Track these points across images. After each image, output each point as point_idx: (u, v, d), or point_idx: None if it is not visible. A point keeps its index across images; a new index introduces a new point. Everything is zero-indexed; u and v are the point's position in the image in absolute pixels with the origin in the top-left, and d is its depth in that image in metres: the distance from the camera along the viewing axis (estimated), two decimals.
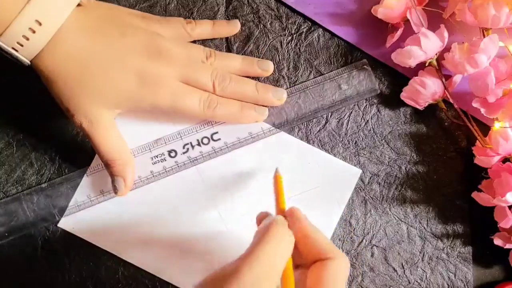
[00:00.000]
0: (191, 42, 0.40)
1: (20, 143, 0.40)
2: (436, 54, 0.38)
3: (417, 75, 0.39)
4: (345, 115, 0.41)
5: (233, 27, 0.41)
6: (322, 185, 0.40)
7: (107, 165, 0.37)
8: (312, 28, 0.41)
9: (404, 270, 0.40)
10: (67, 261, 0.39)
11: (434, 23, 0.38)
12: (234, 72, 0.39)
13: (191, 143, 0.39)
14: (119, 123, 0.38)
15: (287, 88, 0.40)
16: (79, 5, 0.35)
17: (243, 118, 0.39)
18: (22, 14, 0.32)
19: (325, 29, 0.41)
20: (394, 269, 0.40)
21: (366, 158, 0.40)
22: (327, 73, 0.40)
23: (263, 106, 0.39)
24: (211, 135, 0.40)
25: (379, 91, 0.40)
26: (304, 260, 0.30)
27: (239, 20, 0.41)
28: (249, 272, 0.26)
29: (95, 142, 0.36)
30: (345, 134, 0.40)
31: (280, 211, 0.32)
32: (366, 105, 0.41)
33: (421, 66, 0.39)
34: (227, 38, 0.41)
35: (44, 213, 0.39)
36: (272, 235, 0.28)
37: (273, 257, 0.27)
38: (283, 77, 0.41)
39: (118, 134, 0.38)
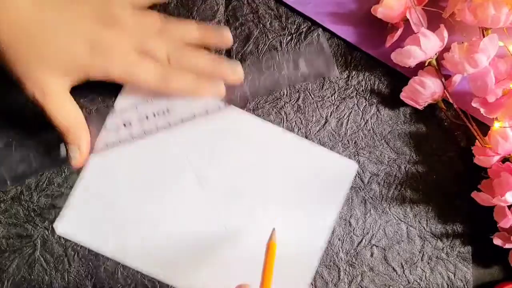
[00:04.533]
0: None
1: None
2: (436, 54, 0.38)
3: (416, 75, 0.39)
4: (344, 115, 0.41)
5: None
6: (318, 179, 0.40)
7: (62, 134, 0.37)
8: (312, 28, 0.41)
9: (404, 270, 0.40)
10: (66, 261, 0.39)
11: (434, 23, 0.38)
12: (193, 39, 0.38)
13: (147, 116, 0.39)
14: None
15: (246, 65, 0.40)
16: None
17: (199, 91, 0.38)
18: None
19: (325, 29, 0.41)
20: (393, 269, 0.40)
21: (366, 158, 0.40)
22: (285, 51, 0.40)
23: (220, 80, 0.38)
24: (167, 108, 0.39)
25: (338, 73, 0.40)
26: None
27: (239, 20, 0.41)
28: None
29: (48, 113, 0.35)
30: (345, 134, 0.40)
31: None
32: (366, 104, 0.41)
33: (421, 66, 0.39)
34: None
35: None
36: None
37: None
38: (283, 77, 0.40)
39: (72, 101, 0.37)
